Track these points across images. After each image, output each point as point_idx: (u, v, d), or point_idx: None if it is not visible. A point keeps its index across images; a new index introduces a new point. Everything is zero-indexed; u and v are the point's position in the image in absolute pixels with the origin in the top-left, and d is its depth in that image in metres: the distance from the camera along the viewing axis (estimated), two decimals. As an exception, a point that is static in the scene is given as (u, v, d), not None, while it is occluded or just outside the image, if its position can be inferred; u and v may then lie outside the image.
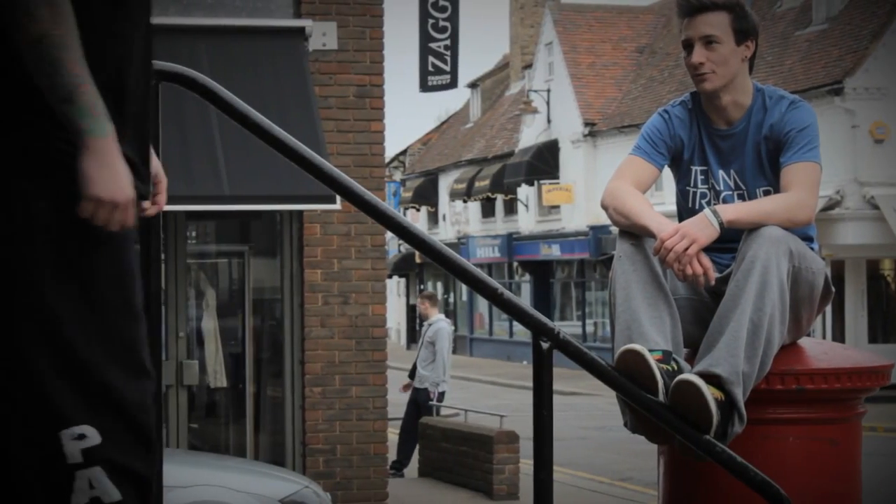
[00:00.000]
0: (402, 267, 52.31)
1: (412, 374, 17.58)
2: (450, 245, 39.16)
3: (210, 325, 13.51)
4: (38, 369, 2.84)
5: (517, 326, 40.12)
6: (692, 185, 4.45)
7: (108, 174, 2.82)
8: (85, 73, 2.78)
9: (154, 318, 3.71)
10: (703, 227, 4.14)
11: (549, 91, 41.64)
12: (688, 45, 4.38)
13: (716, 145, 4.42)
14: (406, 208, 50.87)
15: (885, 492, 14.30)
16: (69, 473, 2.84)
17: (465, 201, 46.92)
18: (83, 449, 2.84)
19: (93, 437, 2.85)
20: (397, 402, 16.82)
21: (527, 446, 6.53)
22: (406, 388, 18.00)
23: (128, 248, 2.98)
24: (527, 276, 45.11)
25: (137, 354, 2.98)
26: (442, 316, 18.13)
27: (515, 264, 45.68)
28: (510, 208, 45.34)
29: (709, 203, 4.39)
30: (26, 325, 2.83)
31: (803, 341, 4.40)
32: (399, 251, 52.16)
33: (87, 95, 2.79)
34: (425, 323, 17.80)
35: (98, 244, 2.90)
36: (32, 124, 2.83)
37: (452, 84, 17.26)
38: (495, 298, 3.83)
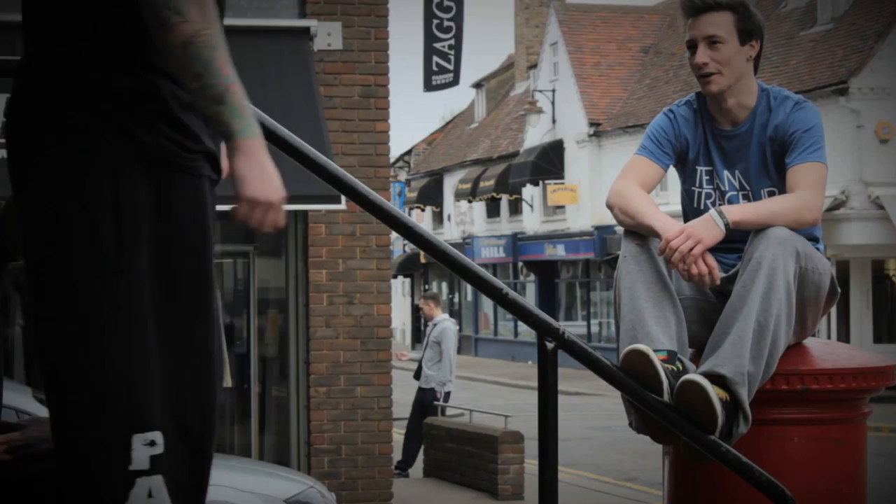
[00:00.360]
0: (407, 267, 52.31)
1: (417, 374, 17.57)
2: (455, 245, 39.16)
3: (215, 324, 13.49)
4: (124, 368, 2.76)
5: (522, 326, 40.11)
6: (697, 185, 4.45)
7: (262, 174, 2.77)
8: (234, 74, 2.75)
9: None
10: (709, 227, 4.14)
11: (553, 91, 41.63)
12: (692, 46, 4.37)
13: (721, 146, 4.41)
14: (411, 208, 50.86)
15: (890, 492, 14.29)
16: (129, 480, 2.76)
17: (469, 201, 46.92)
18: (151, 456, 2.77)
19: (160, 444, 2.78)
20: (402, 403, 16.81)
21: (532, 446, 6.53)
22: (401, 355, 18.10)
23: (212, 255, 2.93)
24: (532, 276, 45.11)
25: (211, 366, 2.92)
26: (446, 315, 18.11)
27: (520, 264, 45.68)
28: (515, 208, 45.33)
29: (714, 203, 4.38)
30: (116, 321, 2.76)
31: (808, 342, 4.39)
32: (404, 251, 52.16)
33: (237, 96, 2.75)
34: (430, 323, 17.78)
35: (188, 248, 2.86)
36: (147, 122, 2.80)
37: (455, 82, 17.24)
38: (500, 298, 3.83)
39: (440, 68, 17.02)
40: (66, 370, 2.77)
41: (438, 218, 51.69)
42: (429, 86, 17.25)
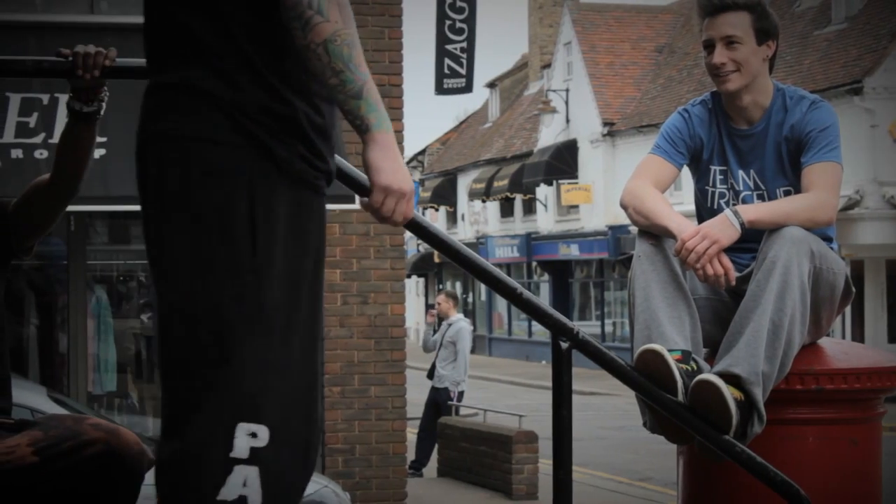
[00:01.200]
0: (421, 267, 52.31)
1: (431, 374, 17.56)
2: (469, 245, 39.04)
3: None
4: (244, 360, 2.86)
5: (536, 326, 40.08)
6: (711, 184, 4.44)
7: (396, 165, 2.94)
8: (367, 70, 2.91)
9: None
10: (725, 227, 4.13)
11: (567, 91, 41.61)
12: (709, 46, 4.37)
13: (736, 145, 4.41)
14: (425, 208, 50.87)
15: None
16: (228, 465, 2.84)
17: (483, 201, 46.92)
18: (252, 447, 2.85)
19: (263, 437, 2.87)
20: (416, 402, 16.81)
21: (546, 446, 6.53)
22: (432, 316, 18.25)
23: (324, 262, 3.05)
24: (546, 276, 45.09)
25: (317, 371, 3.01)
26: (461, 315, 18.09)
27: (534, 264, 45.66)
28: (529, 208, 45.32)
29: (727, 203, 4.38)
30: (244, 315, 2.87)
31: (823, 341, 4.39)
32: (418, 251, 52.17)
33: (373, 91, 2.92)
34: (444, 322, 17.74)
35: (309, 262, 2.98)
36: (283, 140, 2.93)
37: (468, 88, 17.20)
38: (514, 298, 3.83)
39: (452, 71, 17.00)
40: (189, 355, 2.89)
41: (452, 218, 51.69)
42: (440, 89, 17.23)
